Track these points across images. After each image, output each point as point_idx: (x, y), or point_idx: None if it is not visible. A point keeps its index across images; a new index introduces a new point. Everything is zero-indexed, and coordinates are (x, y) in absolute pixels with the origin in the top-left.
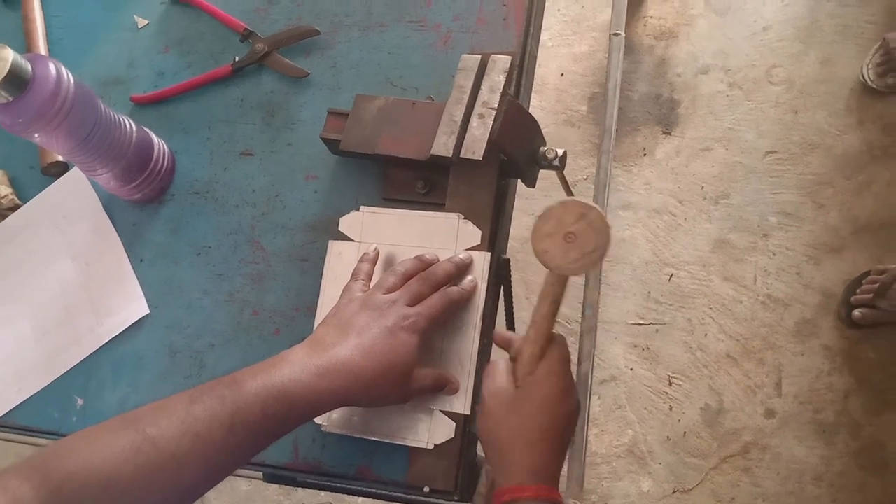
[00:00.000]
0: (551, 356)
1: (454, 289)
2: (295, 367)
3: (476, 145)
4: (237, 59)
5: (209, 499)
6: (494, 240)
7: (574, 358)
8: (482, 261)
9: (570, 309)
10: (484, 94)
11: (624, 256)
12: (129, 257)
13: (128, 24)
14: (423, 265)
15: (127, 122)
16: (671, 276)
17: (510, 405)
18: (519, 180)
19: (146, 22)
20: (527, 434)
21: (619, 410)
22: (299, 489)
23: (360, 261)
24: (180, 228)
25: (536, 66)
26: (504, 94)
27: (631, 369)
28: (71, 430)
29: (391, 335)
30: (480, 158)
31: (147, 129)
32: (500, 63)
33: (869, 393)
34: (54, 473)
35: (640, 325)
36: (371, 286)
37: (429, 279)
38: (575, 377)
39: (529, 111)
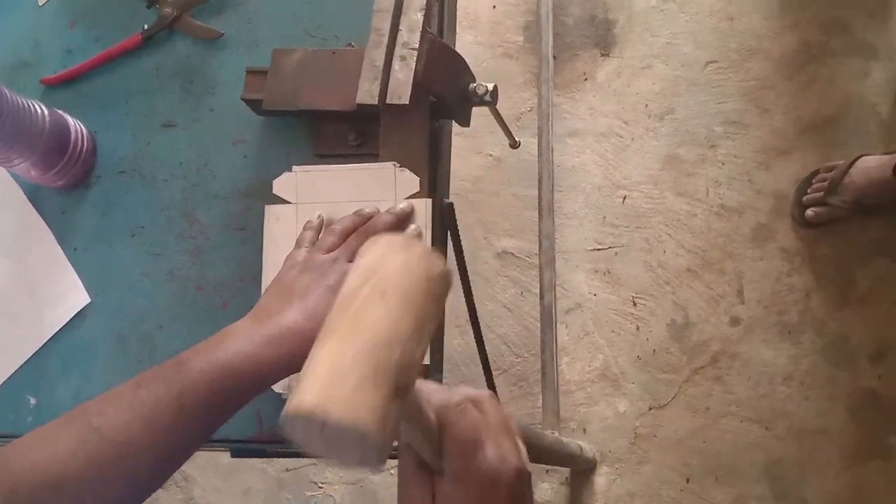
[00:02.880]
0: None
1: None
2: (239, 339)
3: (401, 89)
4: (146, 26)
5: (192, 475)
6: (434, 185)
7: (536, 290)
8: (424, 207)
9: (527, 242)
10: (403, 35)
11: (576, 184)
12: (61, 246)
13: (28, 2)
14: (362, 220)
15: (37, 106)
16: (624, 197)
17: None
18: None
19: None
20: None
21: (588, 336)
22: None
23: (304, 228)
24: (110, 210)
25: None
26: (424, 32)
27: (595, 295)
28: (28, 431)
29: (334, 293)
30: (407, 102)
31: (60, 112)
32: (417, 1)
33: (829, 289)
34: (5, 478)
35: (599, 250)
36: None
37: (368, 233)
38: (539, 310)
39: (462, 48)
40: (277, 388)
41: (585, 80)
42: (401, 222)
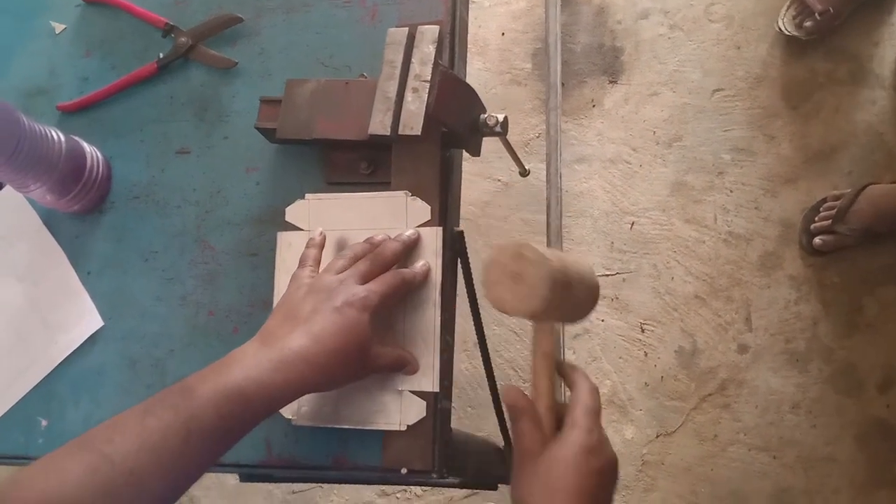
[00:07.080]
0: (574, 409)
1: (406, 269)
2: (246, 364)
3: (413, 120)
4: (161, 55)
5: (198, 496)
6: (445, 213)
7: None
8: (434, 236)
9: None
10: (415, 68)
11: (584, 210)
12: (76, 271)
13: (44, 30)
14: (372, 247)
15: (54, 133)
16: (632, 223)
17: (536, 470)
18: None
19: (63, 27)
20: (552, 500)
21: (595, 362)
22: None
23: (307, 246)
24: (125, 236)
25: (477, 27)
26: (436, 65)
27: (602, 321)
28: (38, 453)
29: (340, 315)
30: (419, 134)
31: (77, 138)
32: (429, 33)
33: (837, 317)
34: None
35: (607, 275)
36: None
37: (377, 258)
38: None
39: (471, 75)
40: (286, 412)
41: (593, 106)
42: (408, 248)
